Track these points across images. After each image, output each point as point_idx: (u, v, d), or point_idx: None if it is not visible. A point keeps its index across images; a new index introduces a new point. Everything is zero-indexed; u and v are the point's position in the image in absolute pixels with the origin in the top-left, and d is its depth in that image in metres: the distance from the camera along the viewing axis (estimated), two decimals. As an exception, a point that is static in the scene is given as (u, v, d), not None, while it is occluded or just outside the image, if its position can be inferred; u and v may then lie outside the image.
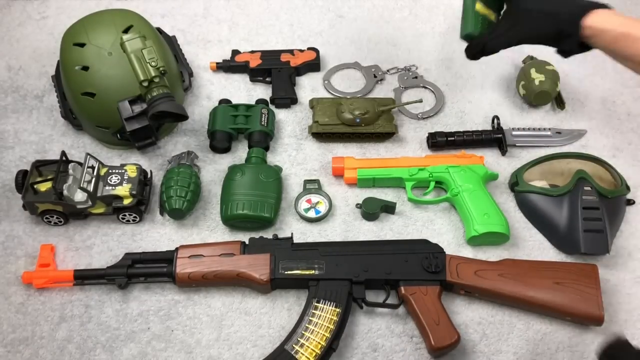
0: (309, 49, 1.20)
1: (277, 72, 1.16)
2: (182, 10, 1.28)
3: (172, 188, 0.96)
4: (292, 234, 0.94)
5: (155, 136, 1.02)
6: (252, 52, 1.19)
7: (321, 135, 1.08)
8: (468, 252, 0.96)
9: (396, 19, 1.28)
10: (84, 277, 0.91)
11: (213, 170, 1.05)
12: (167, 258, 0.91)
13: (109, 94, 0.99)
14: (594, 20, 0.84)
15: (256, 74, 1.17)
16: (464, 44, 1.14)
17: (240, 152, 1.07)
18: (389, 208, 1.00)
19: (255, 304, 0.92)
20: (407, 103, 1.09)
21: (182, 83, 1.11)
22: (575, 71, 1.19)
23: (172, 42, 1.16)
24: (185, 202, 0.96)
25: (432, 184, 1.01)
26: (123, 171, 0.97)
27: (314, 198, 1.01)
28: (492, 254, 0.96)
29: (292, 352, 0.82)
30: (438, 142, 1.07)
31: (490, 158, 1.07)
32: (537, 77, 1.09)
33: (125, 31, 1.02)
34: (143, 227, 0.99)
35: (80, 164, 0.98)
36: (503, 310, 0.91)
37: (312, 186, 1.01)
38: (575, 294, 0.87)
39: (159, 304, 0.91)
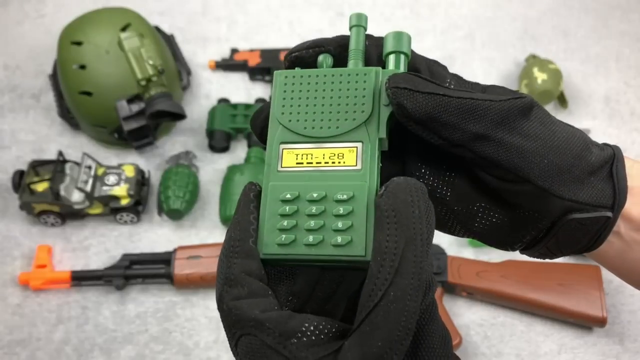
0: (308, 47, 1.19)
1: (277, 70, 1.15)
2: (181, 9, 1.26)
3: (170, 188, 0.95)
4: (291, 234, 0.93)
5: (153, 135, 1.01)
6: (251, 50, 1.18)
7: (321, 134, 1.07)
8: (470, 253, 0.95)
9: (397, 17, 1.27)
10: (81, 278, 0.90)
11: (211, 170, 1.04)
12: (165, 259, 0.91)
13: (106, 93, 0.98)
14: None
15: (255, 73, 1.16)
16: (466, 43, 1.13)
17: (239, 152, 1.06)
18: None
19: (254, 306, 0.91)
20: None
21: (180, 82, 1.10)
22: (578, 70, 1.18)
23: (170, 40, 1.15)
24: (184, 202, 0.95)
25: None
26: (120, 171, 0.96)
27: (314, 198, 1.00)
28: (494, 255, 0.95)
29: (292, 355, 0.81)
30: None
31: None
32: (540, 76, 1.08)
33: (123, 29, 1.01)
34: (141, 227, 0.98)
35: (77, 163, 0.97)
36: (505, 312, 0.90)
37: (311, 186, 1.00)
38: (578, 295, 0.86)
39: (156, 306, 0.90)
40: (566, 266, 0.90)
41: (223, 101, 1.10)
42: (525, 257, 0.96)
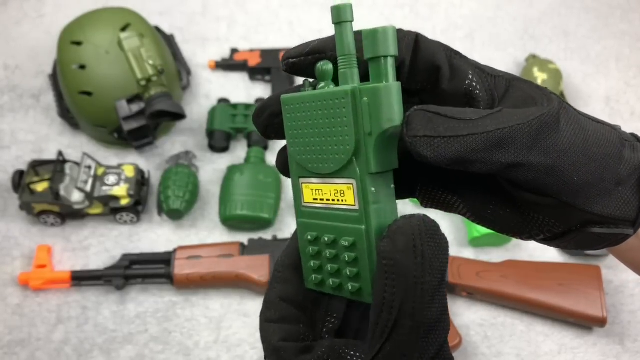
0: (308, 47, 1.19)
1: (277, 70, 1.15)
2: (181, 8, 1.26)
3: (170, 188, 0.95)
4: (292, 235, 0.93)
5: (153, 135, 1.01)
6: (251, 50, 1.18)
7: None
8: (470, 253, 0.95)
9: (397, 17, 1.27)
10: (81, 279, 0.90)
11: (211, 170, 1.04)
12: (165, 259, 0.91)
13: (106, 93, 0.98)
14: None
15: (255, 73, 1.16)
16: (466, 43, 1.13)
17: (239, 152, 1.06)
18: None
19: (254, 306, 0.91)
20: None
21: (180, 82, 1.10)
22: (579, 70, 1.17)
23: (170, 40, 1.15)
24: (184, 202, 0.95)
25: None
26: (120, 171, 0.96)
27: (314, 198, 0.99)
28: (494, 255, 0.95)
29: (292, 355, 0.81)
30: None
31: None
32: (540, 76, 1.08)
33: (123, 29, 1.01)
34: (141, 227, 0.98)
35: (77, 163, 0.97)
36: (505, 312, 0.90)
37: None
38: (578, 295, 0.86)
39: (156, 306, 0.90)
40: (566, 266, 0.90)
41: (223, 101, 1.10)
42: (525, 257, 0.96)
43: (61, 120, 1.07)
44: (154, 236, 0.97)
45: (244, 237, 0.95)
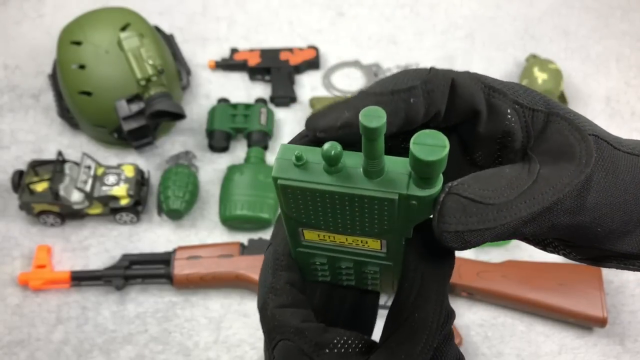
0: (308, 47, 1.19)
1: (277, 70, 1.15)
2: (180, 8, 1.26)
3: (170, 188, 0.95)
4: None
5: (152, 135, 1.01)
6: (251, 50, 1.18)
7: (321, 134, 1.07)
8: (470, 253, 0.95)
9: (397, 16, 1.27)
10: (80, 279, 0.90)
11: (211, 170, 1.04)
12: (165, 259, 0.91)
13: (106, 93, 0.98)
14: None
15: (255, 73, 1.16)
16: (465, 42, 1.12)
17: (238, 152, 1.06)
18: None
19: (254, 306, 0.90)
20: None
21: (180, 82, 1.10)
22: (579, 70, 1.17)
23: (170, 40, 1.15)
24: (184, 202, 0.95)
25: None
26: (120, 171, 0.96)
27: (314, 198, 0.99)
28: (494, 255, 0.94)
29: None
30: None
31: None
32: (540, 76, 1.08)
33: (123, 29, 1.01)
34: (140, 227, 0.98)
35: (76, 163, 0.97)
36: (505, 312, 0.90)
37: (311, 186, 1.00)
38: (579, 295, 0.86)
39: (156, 306, 0.90)
40: (566, 266, 0.89)
41: (223, 101, 1.10)
42: (525, 257, 0.96)
43: (61, 120, 1.07)
44: (154, 236, 0.97)
45: (244, 237, 0.95)
